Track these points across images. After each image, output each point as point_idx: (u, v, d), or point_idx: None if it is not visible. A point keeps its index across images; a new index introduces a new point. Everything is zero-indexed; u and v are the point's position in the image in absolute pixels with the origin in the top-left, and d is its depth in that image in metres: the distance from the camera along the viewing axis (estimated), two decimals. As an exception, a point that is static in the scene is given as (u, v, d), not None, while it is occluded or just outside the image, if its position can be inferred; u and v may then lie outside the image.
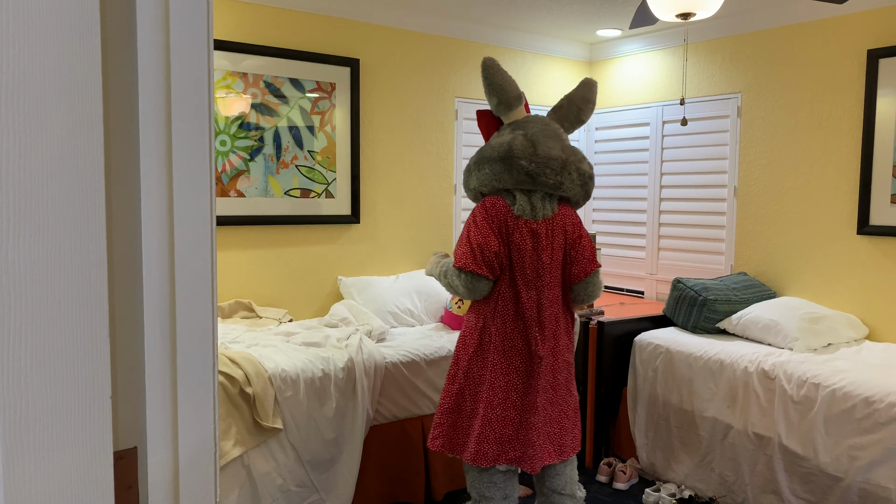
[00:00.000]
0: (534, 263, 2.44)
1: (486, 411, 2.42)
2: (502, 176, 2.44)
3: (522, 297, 2.43)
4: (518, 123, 2.53)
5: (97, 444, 0.65)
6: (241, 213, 3.59)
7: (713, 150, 4.12)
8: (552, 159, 2.43)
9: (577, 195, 2.53)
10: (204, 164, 0.79)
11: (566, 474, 2.57)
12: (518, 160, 2.41)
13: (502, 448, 2.42)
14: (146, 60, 0.74)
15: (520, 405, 2.44)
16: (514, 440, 2.43)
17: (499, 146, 2.46)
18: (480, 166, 2.50)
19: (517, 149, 2.42)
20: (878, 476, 2.57)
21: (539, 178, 2.42)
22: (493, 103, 2.56)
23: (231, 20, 3.51)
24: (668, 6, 2.49)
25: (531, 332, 2.44)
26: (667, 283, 4.38)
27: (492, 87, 2.53)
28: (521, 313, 2.44)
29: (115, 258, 0.74)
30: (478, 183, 2.53)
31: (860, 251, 3.46)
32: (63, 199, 0.61)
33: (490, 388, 2.43)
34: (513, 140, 2.44)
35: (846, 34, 3.49)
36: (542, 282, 2.46)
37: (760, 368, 3.02)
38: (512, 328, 2.44)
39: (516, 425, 2.44)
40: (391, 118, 4.06)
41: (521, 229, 2.43)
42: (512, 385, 2.44)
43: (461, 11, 4.00)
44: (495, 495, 2.49)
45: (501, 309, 2.45)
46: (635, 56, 4.58)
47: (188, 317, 0.80)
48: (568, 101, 2.63)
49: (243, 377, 2.65)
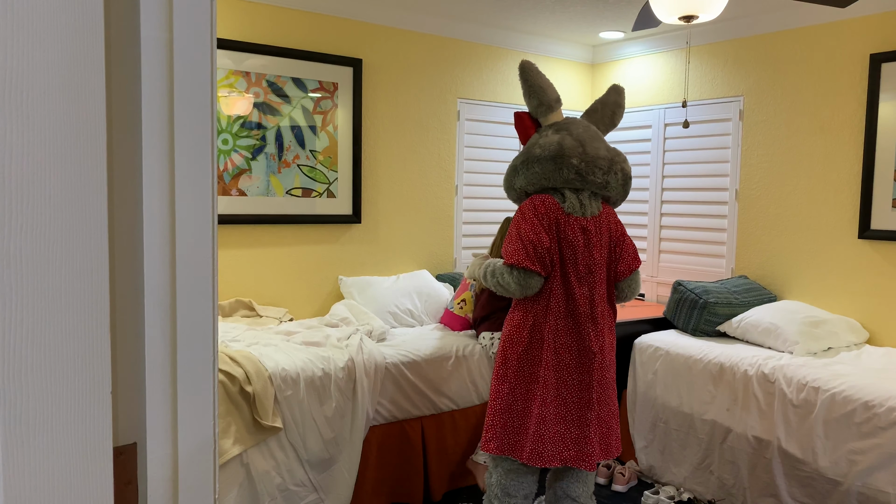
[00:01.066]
0: (586, 260, 2.47)
1: (540, 410, 2.42)
2: (553, 175, 2.47)
3: (576, 293, 2.45)
4: (560, 125, 2.57)
5: (97, 440, 0.65)
6: (243, 211, 3.59)
7: (715, 153, 4.12)
8: (600, 158, 2.49)
9: (618, 194, 2.59)
10: (206, 162, 0.80)
11: (587, 483, 2.58)
12: (569, 159, 2.45)
13: (557, 448, 2.43)
14: (149, 58, 0.74)
15: (575, 402, 2.45)
16: (569, 439, 2.44)
17: (549, 145, 2.49)
18: (529, 165, 2.51)
19: (568, 148, 2.46)
20: (878, 481, 2.57)
21: (588, 176, 2.46)
22: (534, 105, 2.59)
23: (234, 19, 3.52)
24: (670, 9, 2.49)
25: (584, 329, 2.46)
26: (667, 285, 4.37)
27: (532, 89, 2.57)
28: (573, 310, 2.46)
29: (117, 255, 0.74)
30: (525, 182, 2.54)
31: (861, 255, 3.46)
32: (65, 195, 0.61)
33: (543, 386, 2.43)
34: (562, 140, 2.48)
35: (849, 38, 3.49)
36: (595, 278, 2.49)
37: (760, 372, 3.02)
38: (564, 325, 2.46)
39: (572, 423, 2.45)
40: (393, 118, 4.07)
41: (572, 226, 2.46)
42: (565, 382, 2.45)
43: (464, 12, 4.01)
44: (519, 493, 2.51)
45: (554, 306, 2.46)
46: (638, 58, 4.58)
47: (189, 314, 0.80)
48: (602, 105, 2.69)
49: (243, 376, 2.65)
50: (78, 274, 0.62)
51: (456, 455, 3.29)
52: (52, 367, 0.60)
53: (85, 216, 0.62)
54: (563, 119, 2.61)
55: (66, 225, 0.61)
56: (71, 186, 0.61)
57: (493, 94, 4.46)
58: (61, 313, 0.61)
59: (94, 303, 0.64)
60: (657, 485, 3.39)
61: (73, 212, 0.61)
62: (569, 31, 4.39)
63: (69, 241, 0.61)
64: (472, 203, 4.42)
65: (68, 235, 0.61)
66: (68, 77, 0.61)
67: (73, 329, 0.62)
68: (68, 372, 0.62)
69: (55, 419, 0.61)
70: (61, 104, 0.60)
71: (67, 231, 0.61)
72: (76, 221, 0.62)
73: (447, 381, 3.24)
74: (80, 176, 0.62)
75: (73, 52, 0.61)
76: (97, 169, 0.64)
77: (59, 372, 0.61)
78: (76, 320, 0.62)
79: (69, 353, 0.62)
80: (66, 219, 0.61)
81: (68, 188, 0.61)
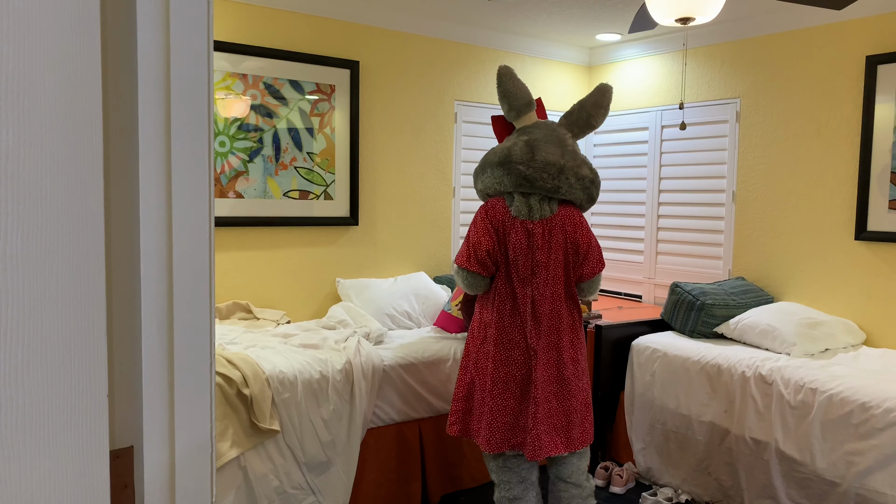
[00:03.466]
0: (528, 261, 2.58)
1: (491, 401, 2.58)
2: (503, 179, 2.59)
3: (517, 292, 2.59)
4: (524, 129, 2.68)
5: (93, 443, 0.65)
6: (240, 214, 3.59)
7: (712, 154, 4.13)
8: (549, 164, 2.56)
9: (578, 198, 2.66)
10: (203, 164, 0.80)
11: (573, 463, 2.70)
12: (516, 165, 2.56)
13: (506, 435, 2.58)
14: (146, 60, 0.74)
15: (519, 395, 2.58)
16: (515, 428, 2.58)
17: (500, 151, 2.62)
18: (484, 170, 2.66)
19: (515, 154, 2.57)
20: (875, 482, 2.57)
21: (536, 182, 2.56)
22: (505, 109, 2.71)
23: (231, 21, 3.52)
24: (667, 11, 2.49)
25: (526, 326, 2.58)
26: (665, 287, 4.38)
27: (503, 93, 2.68)
28: (517, 308, 2.59)
29: (114, 257, 0.74)
30: (482, 185, 2.70)
31: (858, 257, 3.47)
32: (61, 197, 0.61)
33: (493, 378, 2.58)
34: (513, 146, 2.60)
35: (845, 40, 3.49)
36: (537, 279, 2.58)
37: (758, 373, 3.02)
38: (509, 322, 2.59)
39: (516, 414, 2.58)
40: (390, 120, 4.07)
41: (517, 229, 2.57)
42: (512, 376, 2.58)
43: (461, 15, 4.01)
44: (512, 479, 2.65)
45: (499, 304, 2.61)
46: (635, 60, 4.59)
47: (186, 317, 0.80)
48: (579, 107, 2.74)
49: (241, 378, 2.65)
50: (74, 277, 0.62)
51: (453, 458, 3.29)
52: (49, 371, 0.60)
53: (81, 219, 0.62)
54: (532, 123, 2.69)
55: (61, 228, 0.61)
56: (67, 189, 0.61)
57: (490, 97, 4.46)
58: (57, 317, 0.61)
59: (90, 306, 0.64)
60: (655, 486, 3.39)
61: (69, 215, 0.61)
62: (566, 34, 4.40)
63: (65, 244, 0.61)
64: (470, 205, 4.42)
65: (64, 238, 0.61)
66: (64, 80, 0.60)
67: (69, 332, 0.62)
68: (64, 375, 0.62)
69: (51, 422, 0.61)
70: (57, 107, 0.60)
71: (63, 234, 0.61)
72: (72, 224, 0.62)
73: (445, 384, 3.24)
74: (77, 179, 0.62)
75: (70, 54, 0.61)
76: (93, 172, 0.64)
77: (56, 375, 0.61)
78: (72, 324, 0.62)
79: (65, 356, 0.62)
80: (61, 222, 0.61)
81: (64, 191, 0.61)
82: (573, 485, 2.68)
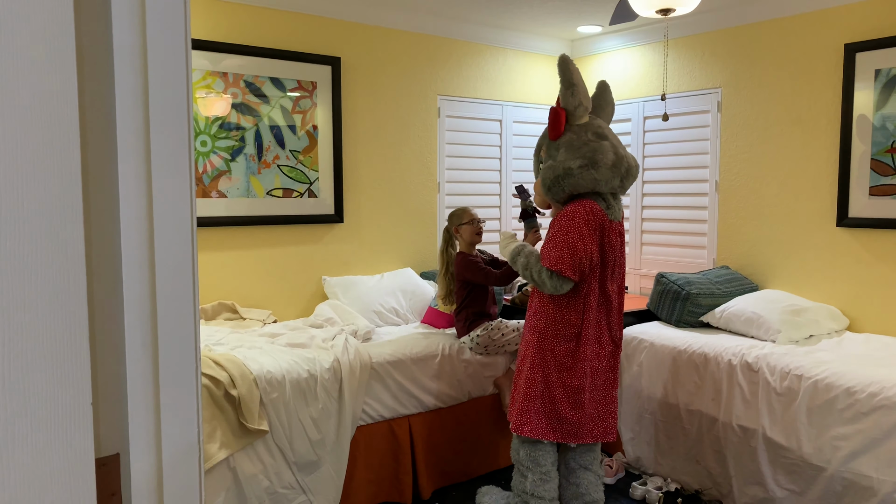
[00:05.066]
0: (619, 260, 2.69)
1: (575, 395, 2.62)
2: (611, 181, 2.59)
3: (608, 289, 2.65)
4: (598, 130, 2.66)
5: (79, 452, 0.64)
6: (223, 213, 3.56)
7: (694, 144, 4.15)
8: (633, 167, 2.67)
9: None
10: (183, 165, 0.79)
11: (596, 452, 2.82)
12: (621, 168, 2.60)
13: (589, 427, 2.67)
14: (122, 63, 0.73)
15: (604, 385, 2.70)
16: (599, 418, 2.69)
17: (604, 150, 2.58)
18: (586, 170, 2.56)
19: (619, 157, 2.61)
20: (861, 465, 2.61)
21: (626, 182, 2.66)
22: (575, 103, 2.64)
23: (210, 19, 3.48)
24: (648, 2, 2.50)
25: (612, 321, 2.69)
26: (650, 277, 4.40)
27: (577, 88, 2.63)
28: (603, 305, 2.66)
29: (95, 262, 0.73)
30: (577, 185, 2.58)
31: (840, 243, 3.50)
32: (39, 203, 0.60)
33: (580, 374, 2.62)
34: (615, 149, 2.62)
35: (824, 29, 3.52)
36: (616, 275, 2.70)
37: (744, 361, 3.04)
38: (596, 318, 2.65)
39: (604, 404, 2.70)
40: (373, 116, 4.05)
41: (613, 231, 2.63)
42: (598, 370, 2.67)
43: (442, 9, 4.00)
44: (546, 461, 2.71)
45: (591, 302, 2.62)
46: (616, 52, 4.60)
47: (170, 320, 0.79)
48: (606, 105, 2.82)
49: (228, 379, 2.63)
50: (54, 282, 0.61)
51: (444, 452, 3.29)
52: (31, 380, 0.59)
53: (60, 225, 0.61)
54: (592, 121, 2.68)
55: (40, 234, 0.60)
56: (45, 195, 0.60)
57: (473, 91, 4.46)
58: (38, 325, 0.60)
59: (71, 311, 0.63)
60: (645, 476, 3.41)
61: (48, 221, 0.60)
62: (547, 26, 4.40)
63: (45, 250, 0.60)
64: (455, 200, 4.42)
65: (43, 244, 0.60)
66: (40, 84, 0.59)
67: (50, 339, 0.61)
68: (47, 384, 0.61)
69: (35, 431, 0.60)
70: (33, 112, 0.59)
71: (42, 240, 0.60)
72: (51, 230, 0.61)
73: (434, 379, 3.24)
74: (55, 184, 0.61)
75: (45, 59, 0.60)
76: (72, 177, 0.62)
77: (38, 384, 0.60)
78: (54, 331, 0.61)
79: (47, 365, 0.61)
80: (40, 228, 0.60)
81: (42, 197, 0.60)
82: (592, 472, 2.78)
